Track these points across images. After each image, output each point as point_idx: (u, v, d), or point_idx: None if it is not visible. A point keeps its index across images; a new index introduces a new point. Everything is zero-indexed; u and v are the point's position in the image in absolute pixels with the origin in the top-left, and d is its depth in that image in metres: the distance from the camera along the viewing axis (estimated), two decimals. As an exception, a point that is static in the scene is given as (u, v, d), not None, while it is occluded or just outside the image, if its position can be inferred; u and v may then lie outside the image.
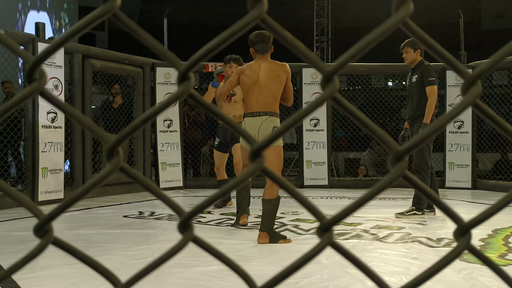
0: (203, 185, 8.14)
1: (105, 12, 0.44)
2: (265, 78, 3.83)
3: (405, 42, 4.93)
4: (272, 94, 3.83)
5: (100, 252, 3.38)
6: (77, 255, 0.49)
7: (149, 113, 0.47)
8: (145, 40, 0.48)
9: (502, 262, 3.11)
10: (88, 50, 6.82)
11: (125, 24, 0.46)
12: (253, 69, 3.92)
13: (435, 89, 4.86)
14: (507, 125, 0.50)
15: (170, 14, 8.54)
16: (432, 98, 4.80)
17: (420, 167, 4.82)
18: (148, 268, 0.51)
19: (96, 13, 0.44)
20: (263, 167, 0.47)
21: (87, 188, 0.46)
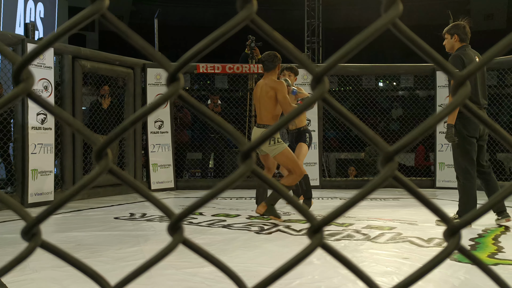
0: (194, 186, 8.12)
1: (93, 13, 0.44)
2: (261, 94, 4.56)
3: (446, 28, 4.48)
4: (265, 109, 4.55)
5: (91, 254, 3.36)
6: (65, 258, 0.48)
7: (138, 114, 0.46)
8: (133, 41, 0.47)
9: (492, 262, 3.13)
10: (78, 51, 6.78)
11: (114, 25, 0.45)
12: (257, 86, 4.74)
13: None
14: (496, 125, 0.50)
15: (161, 15, 8.52)
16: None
17: (457, 172, 4.41)
18: (138, 270, 0.51)
19: (84, 14, 0.44)
20: (253, 168, 0.47)
21: (76, 190, 0.45)
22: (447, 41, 4.42)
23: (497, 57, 0.50)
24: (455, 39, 4.36)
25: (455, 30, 4.35)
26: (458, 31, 4.34)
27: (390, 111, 10.33)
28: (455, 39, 4.36)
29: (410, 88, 10.51)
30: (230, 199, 6.57)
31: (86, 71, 6.90)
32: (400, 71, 8.92)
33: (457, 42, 4.36)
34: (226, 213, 5.28)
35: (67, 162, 6.58)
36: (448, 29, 4.40)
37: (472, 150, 4.30)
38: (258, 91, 4.68)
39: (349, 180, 8.55)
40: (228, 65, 8.08)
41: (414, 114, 8.84)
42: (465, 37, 4.36)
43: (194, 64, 8.02)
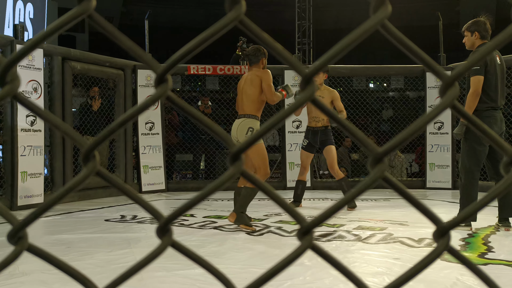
0: (185, 188, 8.10)
1: (80, 13, 0.43)
2: (245, 85, 4.52)
3: (465, 25, 4.30)
4: (248, 98, 4.48)
5: (81, 256, 3.34)
6: (52, 261, 0.48)
7: (125, 116, 0.46)
8: (121, 42, 0.47)
9: (482, 261, 3.15)
10: (68, 52, 6.74)
11: (101, 26, 0.45)
12: (241, 79, 4.71)
13: (480, 80, 4.07)
14: (484, 126, 0.50)
15: (151, 16, 8.49)
16: (472, 90, 4.07)
17: (461, 172, 4.30)
18: (128, 272, 0.50)
19: (70, 15, 0.43)
20: (242, 170, 0.47)
21: (62, 193, 0.45)
22: (467, 39, 4.25)
23: (484, 58, 0.50)
24: (475, 36, 4.19)
25: (475, 27, 4.19)
26: (479, 28, 4.18)
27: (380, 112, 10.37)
28: (475, 36, 4.19)
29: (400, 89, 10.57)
30: (222, 201, 6.56)
31: (76, 73, 6.86)
32: (390, 72, 8.96)
33: (478, 40, 4.19)
34: (218, 214, 5.27)
35: (57, 164, 6.53)
36: (468, 26, 4.24)
37: (481, 152, 4.14)
38: (242, 82, 4.65)
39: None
40: (219, 67, 8.07)
41: (405, 115, 8.88)
42: (486, 34, 4.20)
43: (185, 65, 8.00)
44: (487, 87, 4.09)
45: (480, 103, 4.08)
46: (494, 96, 4.13)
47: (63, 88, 6.62)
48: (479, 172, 4.23)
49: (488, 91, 4.10)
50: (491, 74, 4.11)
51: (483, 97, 4.09)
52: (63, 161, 6.59)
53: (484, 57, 0.49)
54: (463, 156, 4.24)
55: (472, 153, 4.16)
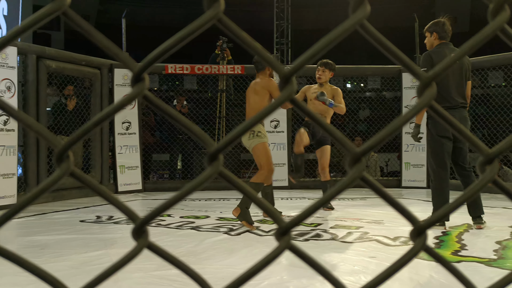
0: (162, 188, 8.04)
1: (54, 10, 0.42)
2: (250, 93, 4.55)
3: (426, 26, 4.37)
4: (251, 107, 4.51)
5: (55, 258, 3.28)
6: (23, 264, 0.46)
7: (100, 116, 0.45)
8: (97, 40, 0.46)
9: (455, 259, 3.20)
10: (42, 51, 6.62)
11: (76, 23, 0.44)
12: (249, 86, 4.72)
13: None
14: (461, 126, 0.50)
15: (129, 15, 8.40)
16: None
17: (430, 173, 4.38)
18: (104, 274, 0.49)
19: (44, 11, 0.42)
20: (220, 170, 0.47)
21: (35, 194, 0.44)
22: (427, 39, 4.32)
23: (461, 59, 0.51)
24: (434, 36, 4.26)
25: (434, 27, 4.26)
26: (437, 28, 4.25)
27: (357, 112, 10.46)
28: (434, 37, 4.26)
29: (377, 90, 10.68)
30: (199, 201, 6.53)
31: (51, 71, 6.75)
32: (367, 73, 9.05)
33: (436, 40, 4.26)
34: (195, 214, 5.24)
35: (31, 164, 6.41)
36: (428, 27, 4.31)
37: (442, 151, 4.17)
38: (248, 89, 4.67)
39: (317, 180, 8.59)
40: (197, 66, 8.03)
41: (381, 115, 8.98)
42: (444, 35, 4.25)
43: (162, 64, 7.94)
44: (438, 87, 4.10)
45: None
46: (446, 96, 4.16)
47: (37, 87, 6.50)
48: (447, 171, 4.23)
49: (439, 90, 4.07)
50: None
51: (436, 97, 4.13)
52: (37, 161, 6.47)
53: (462, 57, 0.50)
54: (428, 158, 4.32)
55: (434, 154, 4.22)
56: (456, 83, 4.20)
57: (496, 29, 0.48)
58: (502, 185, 0.50)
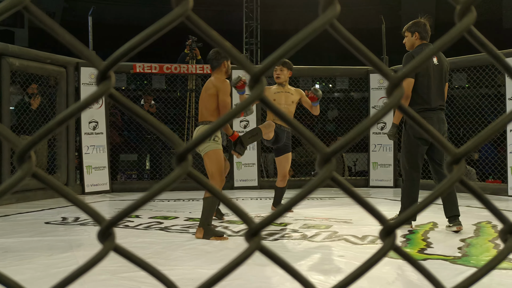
0: (130, 188, 7.93)
1: (15, 5, 0.40)
2: (203, 91, 4.35)
3: (406, 26, 4.32)
4: (205, 106, 4.29)
5: (19, 261, 3.20)
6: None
7: (65, 114, 0.44)
8: (61, 36, 0.44)
9: (421, 257, 3.27)
10: (5, 48, 6.43)
11: (39, 19, 0.42)
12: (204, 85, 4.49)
13: (408, 82, 4.10)
14: (428, 126, 0.51)
15: (96, 13, 8.25)
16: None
17: (402, 173, 4.35)
18: (70, 277, 0.48)
19: (4, 6, 0.40)
20: (189, 171, 0.46)
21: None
22: (407, 39, 4.27)
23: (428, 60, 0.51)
24: (415, 36, 4.21)
25: (416, 27, 4.21)
26: (418, 28, 4.21)
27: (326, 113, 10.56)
28: (415, 37, 4.21)
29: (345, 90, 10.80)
30: (168, 201, 6.47)
31: (14, 69, 6.56)
32: (335, 74, 9.15)
33: (418, 40, 4.22)
34: (164, 215, 5.19)
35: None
36: (409, 26, 4.25)
37: (416, 153, 4.17)
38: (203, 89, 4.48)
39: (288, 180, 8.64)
40: (166, 65, 7.95)
41: (349, 115, 9.08)
42: (425, 35, 4.23)
43: (130, 63, 7.83)
44: (419, 88, 4.10)
45: (412, 105, 4.08)
46: (426, 98, 4.14)
47: (0, 86, 6.32)
48: (419, 172, 4.26)
49: (420, 92, 4.11)
50: (422, 75, 4.12)
51: (415, 98, 4.12)
52: (0, 162, 6.29)
53: (428, 58, 0.50)
54: (402, 157, 4.29)
55: (408, 154, 4.20)
56: (436, 85, 4.20)
57: (462, 31, 0.49)
58: (468, 184, 0.51)
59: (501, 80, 7.78)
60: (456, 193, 4.16)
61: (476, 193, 0.52)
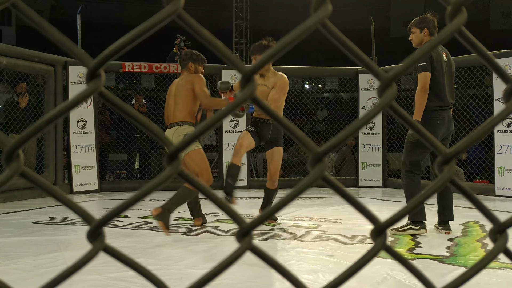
0: (119, 188, 7.89)
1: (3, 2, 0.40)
2: (177, 89, 4.27)
3: (411, 22, 4.15)
4: (182, 104, 4.21)
5: (6, 261, 3.16)
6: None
7: (53, 113, 0.43)
8: (49, 33, 0.44)
9: (410, 256, 3.29)
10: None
11: (26, 15, 0.42)
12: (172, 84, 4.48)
13: (427, 76, 3.92)
14: (420, 126, 0.51)
15: (85, 11, 8.20)
16: (420, 87, 3.92)
17: (401, 171, 4.18)
18: (58, 278, 0.47)
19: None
20: (180, 170, 0.45)
21: (-18, 196, 0.41)
22: (415, 36, 4.10)
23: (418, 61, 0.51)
24: (425, 33, 4.06)
25: (425, 24, 4.07)
26: (428, 24, 4.06)
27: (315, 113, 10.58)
28: (425, 33, 4.06)
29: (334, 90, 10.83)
30: (158, 201, 6.44)
31: (1, 68, 6.50)
32: (325, 74, 9.18)
33: (427, 36, 4.06)
34: (153, 215, 5.16)
35: (-20, 164, 6.17)
36: (417, 22, 4.09)
37: (420, 153, 4.05)
38: (173, 88, 4.38)
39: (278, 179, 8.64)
40: (155, 64, 7.92)
41: (339, 115, 9.12)
42: (434, 31, 4.10)
43: (119, 62, 7.79)
44: (434, 84, 3.96)
45: (428, 102, 3.94)
46: (441, 95, 4.02)
47: (-13, 84, 6.26)
48: (418, 171, 4.14)
49: (435, 89, 3.97)
50: (437, 71, 3.98)
51: (431, 95, 3.98)
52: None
53: (417, 59, 0.50)
54: (404, 155, 4.13)
55: (412, 153, 4.07)
56: (448, 83, 4.09)
57: (453, 31, 0.49)
58: (458, 184, 0.51)
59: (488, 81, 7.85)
60: (452, 199, 4.10)
61: (466, 193, 0.53)
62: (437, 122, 3.99)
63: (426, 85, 3.92)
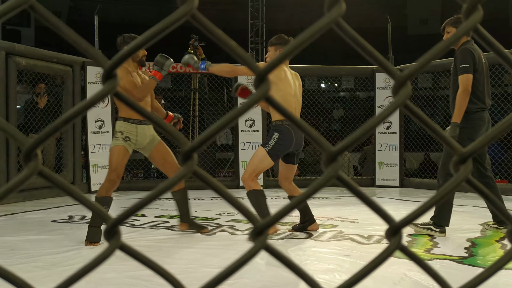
0: (136, 187, 7.95)
1: (21, 3, 0.40)
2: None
3: (446, 21, 4.04)
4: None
5: (26, 259, 3.21)
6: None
7: (71, 113, 0.44)
8: (66, 35, 0.44)
9: (427, 257, 3.26)
10: (12, 47, 6.46)
11: (44, 17, 0.42)
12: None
13: (469, 78, 3.84)
14: (435, 125, 0.51)
15: (101, 12, 8.28)
16: (462, 89, 3.83)
17: (440, 174, 4.04)
18: (76, 275, 0.48)
19: (10, 4, 0.41)
20: (194, 169, 0.46)
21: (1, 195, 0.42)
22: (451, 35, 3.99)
23: (434, 59, 0.51)
24: None
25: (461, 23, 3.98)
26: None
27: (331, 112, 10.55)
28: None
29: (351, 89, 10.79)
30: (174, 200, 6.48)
31: (21, 68, 6.59)
32: (341, 73, 9.13)
33: (464, 36, 3.86)
34: (170, 214, 5.20)
35: (0, 163, 6.26)
36: (453, 22, 3.98)
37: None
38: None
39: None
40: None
41: (355, 114, 9.07)
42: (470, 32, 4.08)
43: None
44: (475, 87, 3.92)
45: (470, 104, 3.90)
46: (482, 96, 3.98)
47: (6, 85, 6.35)
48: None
49: (476, 91, 3.93)
50: (479, 73, 3.94)
51: (472, 97, 3.92)
52: (7, 160, 6.32)
53: (434, 57, 0.50)
54: (446, 158, 3.99)
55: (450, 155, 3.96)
56: (487, 84, 4.07)
57: (469, 29, 0.48)
58: (475, 184, 0.51)
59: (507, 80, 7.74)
60: (452, 204, 4.03)
61: (483, 193, 0.52)
62: (479, 123, 3.95)
63: (469, 88, 3.86)
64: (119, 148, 3.93)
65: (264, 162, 3.98)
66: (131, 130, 3.94)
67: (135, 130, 3.97)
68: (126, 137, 3.89)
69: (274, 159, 4.00)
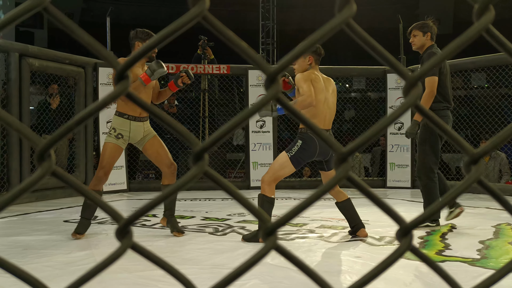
0: (148, 188, 7.99)
1: (35, 6, 0.41)
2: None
3: (413, 25, 4.32)
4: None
5: (39, 259, 3.24)
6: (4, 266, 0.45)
7: (83, 114, 0.44)
8: (79, 36, 0.45)
9: (439, 258, 3.23)
10: (25, 49, 6.53)
11: (57, 19, 0.43)
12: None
13: (435, 80, 4.09)
14: (446, 125, 0.51)
15: (114, 14, 8.34)
16: (428, 91, 4.06)
17: (420, 172, 4.28)
18: (88, 275, 0.48)
19: (24, 7, 0.41)
20: (205, 170, 0.46)
21: (15, 194, 0.43)
22: (417, 39, 4.26)
23: (445, 60, 0.51)
24: (427, 37, 4.25)
25: (428, 28, 4.26)
26: (430, 29, 4.27)
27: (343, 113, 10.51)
28: (427, 37, 4.25)
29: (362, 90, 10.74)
30: (185, 201, 6.50)
31: (34, 70, 6.66)
32: (352, 73, 9.10)
33: (429, 40, 4.27)
34: (181, 214, 5.22)
35: (13, 164, 6.32)
36: (420, 26, 4.28)
37: (438, 150, 4.25)
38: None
39: (303, 180, 8.63)
40: (182, 65, 8.00)
41: (366, 115, 9.03)
42: (434, 36, 4.31)
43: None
44: (441, 88, 4.18)
45: (436, 103, 4.17)
46: (447, 96, 4.25)
47: (20, 86, 6.41)
48: (437, 169, 4.31)
49: (442, 91, 4.20)
50: (444, 75, 4.23)
51: (438, 97, 4.18)
52: (20, 161, 6.38)
53: (446, 58, 0.50)
54: (423, 156, 4.25)
55: (432, 151, 4.22)
56: (450, 85, 4.35)
57: (481, 30, 0.48)
58: (487, 185, 0.51)
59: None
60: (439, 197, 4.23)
61: (494, 194, 0.52)
62: (447, 120, 4.23)
63: (434, 90, 4.09)
64: (110, 146, 3.98)
65: (285, 167, 3.92)
66: (124, 126, 4.01)
67: (128, 126, 4.03)
68: (118, 134, 3.97)
69: (296, 165, 3.91)
